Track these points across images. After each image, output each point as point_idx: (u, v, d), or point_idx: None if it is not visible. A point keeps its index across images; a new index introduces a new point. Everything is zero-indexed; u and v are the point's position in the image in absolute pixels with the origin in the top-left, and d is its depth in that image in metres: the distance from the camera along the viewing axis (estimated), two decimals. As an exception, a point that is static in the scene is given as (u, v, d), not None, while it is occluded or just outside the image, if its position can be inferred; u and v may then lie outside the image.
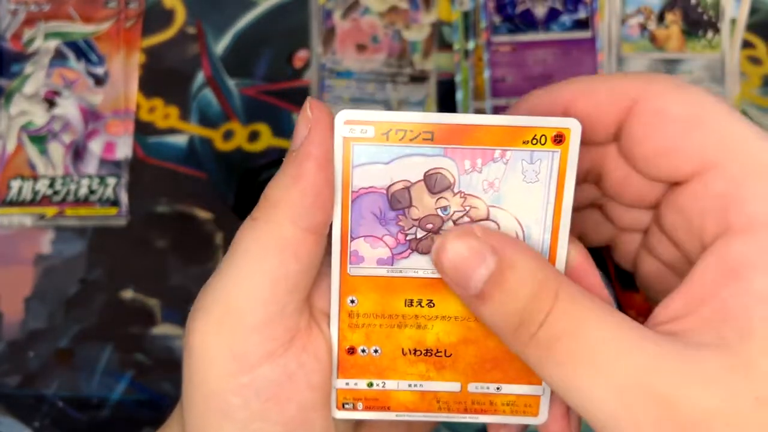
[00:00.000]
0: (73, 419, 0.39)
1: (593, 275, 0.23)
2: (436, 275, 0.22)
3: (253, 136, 0.41)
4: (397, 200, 0.22)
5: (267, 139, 0.41)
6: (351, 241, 0.22)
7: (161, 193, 0.41)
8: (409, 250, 0.22)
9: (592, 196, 0.26)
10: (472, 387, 0.24)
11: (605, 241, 0.28)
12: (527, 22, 0.40)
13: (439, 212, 0.22)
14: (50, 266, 0.40)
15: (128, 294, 0.40)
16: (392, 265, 0.23)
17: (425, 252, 0.22)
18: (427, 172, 0.22)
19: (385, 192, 0.22)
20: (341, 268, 0.22)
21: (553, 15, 0.40)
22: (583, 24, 0.40)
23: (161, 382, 0.39)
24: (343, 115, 0.21)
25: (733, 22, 0.40)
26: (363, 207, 0.22)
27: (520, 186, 0.22)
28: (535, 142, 0.21)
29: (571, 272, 0.23)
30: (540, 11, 0.40)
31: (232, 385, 0.22)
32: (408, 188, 0.22)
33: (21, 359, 0.39)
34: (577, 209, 0.26)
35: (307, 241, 0.21)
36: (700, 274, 0.20)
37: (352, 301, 0.23)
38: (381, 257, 0.22)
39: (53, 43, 0.42)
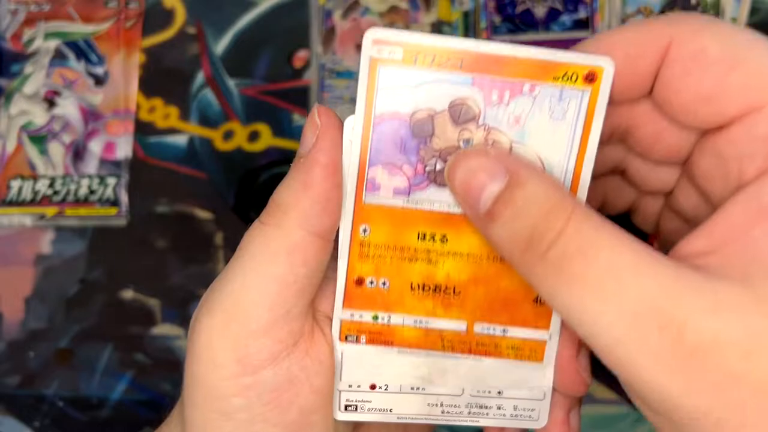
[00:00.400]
0: (73, 419, 0.39)
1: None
2: (453, 210, 0.22)
3: (253, 136, 0.41)
4: (420, 128, 0.21)
5: (267, 139, 0.41)
6: (369, 168, 0.22)
7: (161, 193, 0.41)
8: (427, 182, 0.22)
9: (617, 158, 0.26)
10: (478, 327, 0.23)
11: (626, 207, 0.27)
12: (527, 22, 0.40)
13: (462, 144, 0.21)
14: (50, 266, 0.40)
15: (128, 294, 0.40)
16: (408, 195, 0.22)
17: (443, 184, 0.22)
18: (453, 101, 0.21)
19: (408, 119, 0.21)
20: (356, 195, 0.22)
21: (553, 15, 0.40)
22: (583, 24, 0.40)
23: (161, 382, 0.39)
24: (372, 34, 0.20)
25: (734, 21, 0.40)
26: (384, 133, 0.21)
27: (546, 123, 0.21)
28: (566, 78, 0.21)
29: None
30: (540, 11, 0.40)
31: (235, 387, 0.22)
32: (432, 117, 0.21)
33: (21, 359, 0.39)
34: (597, 177, 0.25)
35: (315, 246, 0.21)
36: (729, 213, 0.19)
37: (365, 230, 0.22)
38: (398, 187, 0.22)
39: (53, 43, 0.42)
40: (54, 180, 0.40)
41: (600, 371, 0.40)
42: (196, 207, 0.41)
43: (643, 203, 0.26)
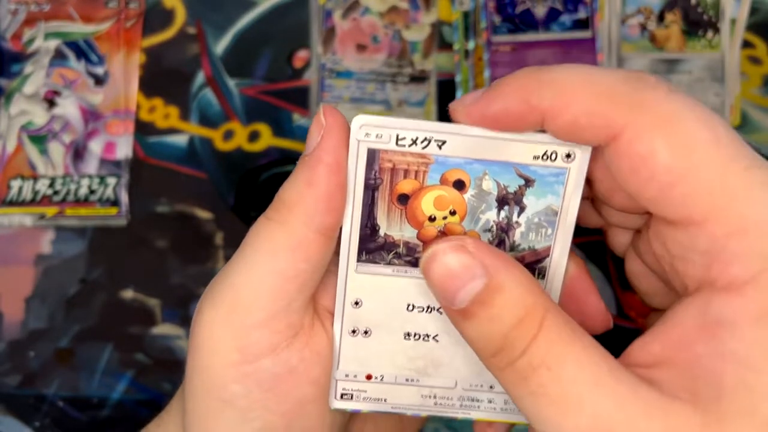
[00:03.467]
0: (73, 419, 0.39)
1: (589, 288, 0.23)
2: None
3: (253, 136, 0.41)
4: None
5: (267, 139, 0.41)
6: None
7: (161, 193, 0.41)
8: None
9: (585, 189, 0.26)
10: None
11: (596, 226, 0.28)
12: (527, 22, 0.40)
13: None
14: (50, 266, 0.40)
15: (128, 294, 0.40)
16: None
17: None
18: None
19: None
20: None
21: (553, 15, 0.40)
22: (583, 24, 0.40)
23: (161, 381, 0.39)
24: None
25: (733, 22, 0.40)
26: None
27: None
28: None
29: (569, 284, 0.23)
30: (540, 11, 0.40)
31: (234, 374, 0.22)
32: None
33: (21, 359, 0.39)
34: None
35: (318, 243, 0.22)
36: (679, 322, 0.20)
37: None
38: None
39: (53, 43, 0.42)
40: (54, 180, 0.40)
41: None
42: (196, 207, 0.41)
43: (612, 231, 0.27)
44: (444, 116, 0.41)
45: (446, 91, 0.41)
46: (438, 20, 0.41)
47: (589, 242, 0.40)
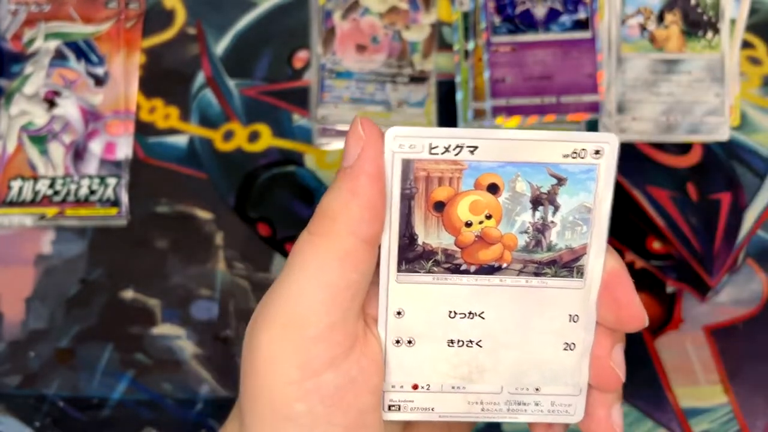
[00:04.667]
0: (73, 419, 0.39)
1: (627, 285, 0.23)
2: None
3: (253, 137, 0.41)
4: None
5: (267, 139, 0.41)
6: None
7: (161, 193, 0.41)
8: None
9: None
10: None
11: None
12: (527, 22, 0.40)
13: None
14: (51, 266, 0.40)
15: (128, 294, 0.40)
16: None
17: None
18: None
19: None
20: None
21: (552, 15, 0.40)
22: (582, 24, 0.40)
23: (161, 382, 0.39)
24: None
25: (733, 22, 0.40)
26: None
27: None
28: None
29: (606, 280, 0.23)
30: (540, 12, 0.40)
31: (297, 392, 0.22)
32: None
33: (21, 359, 0.39)
34: None
35: (365, 251, 0.22)
36: None
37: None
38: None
39: (53, 44, 0.42)
40: (54, 180, 0.40)
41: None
42: (196, 207, 0.41)
43: None
44: (444, 116, 0.41)
45: (446, 92, 0.41)
46: (438, 21, 0.42)
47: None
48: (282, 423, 0.23)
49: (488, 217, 0.23)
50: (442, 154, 0.22)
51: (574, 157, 0.22)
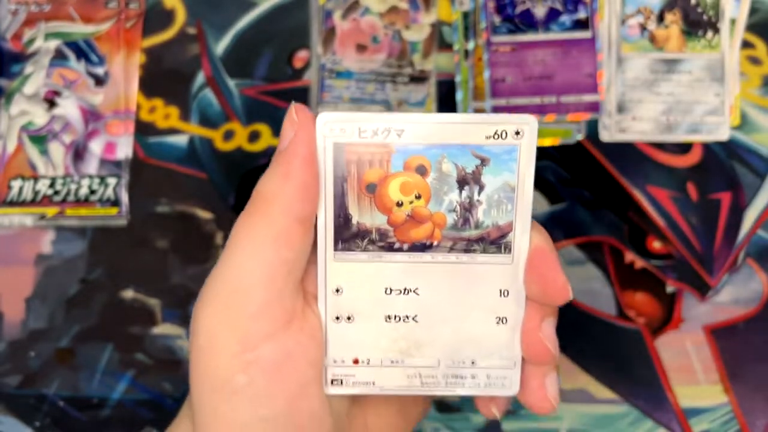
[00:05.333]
0: (73, 419, 0.39)
1: (551, 259, 0.25)
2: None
3: (254, 137, 0.41)
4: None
5: (267, 139, 0.41)
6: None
7: (161, 193, 0.41)
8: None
9: None
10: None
11: None
12: (527, 22, 0.40)
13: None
14: (51, 266, 0.40)
15: (128, 294, 0.40)
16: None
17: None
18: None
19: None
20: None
21: (552, 15, 0.40)
22: (582, 24, 0.40)
23: (161, 381, 0.39)
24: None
25: (733, 22, 0.40)
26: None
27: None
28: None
29: (532, 255, 0.25)
30: (540, 11, 0.40)
31: (238, 364, 0.23)
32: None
33: (22, 359, 0.40)
34: None
35: (299, 231, 0.24)
36: None
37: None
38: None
39: (53, 44, 0.42)
40: (54, 180, 0.40)
41: (600, 371, 0.41)
42: (196, 207, 0.41)
43: None
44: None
45: (446, 92, 0.41)
46: (438, 20, 0.42)
47: (589, 243, 0.40)
48: (225, 395, 0.24)
49: (418, 197, 0.24)
50: (372, 137, 0.23)
51: (496, 138, 0.23)
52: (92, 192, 0.40)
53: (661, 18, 0.40)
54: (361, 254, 0.25)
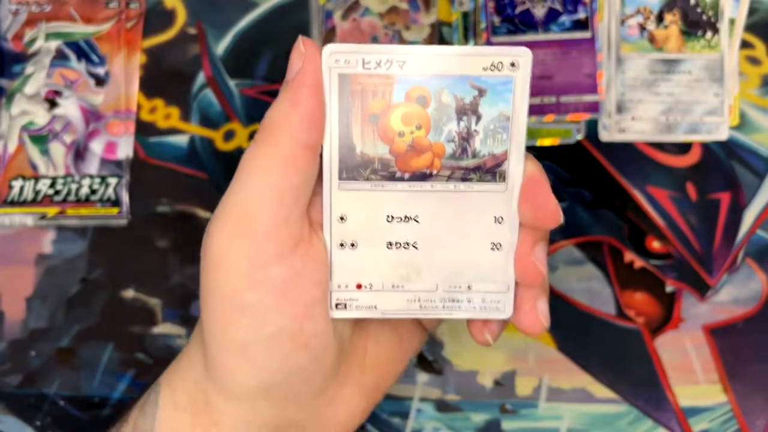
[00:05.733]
0: (74, 418, 0.39)
1: (543, 185, 0.26)
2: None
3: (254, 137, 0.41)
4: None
5: (267, 139, 0.41)
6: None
7: (162, 193, 0.41)
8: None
9: None
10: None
11: None
12: (527, 22, 0.40)
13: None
14: (51, 266, 0.40)
15: (129, 293, 0.40)
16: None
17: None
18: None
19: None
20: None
21: (552, 15, 0.40)
22: (582, 24, 0.40)
23: (162, 381, 0.39)
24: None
25: (732, 22, 0.40)
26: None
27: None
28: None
29: (526, 183, 0.26)
30: (539, 12, 0.40)
31: (248, 282, 0.24)
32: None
33: (22, 358, 0.40)
34: None
35: (306, 157, 0.24)
36: None
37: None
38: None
39: (54, 44, 0.42)
40: (55, 180, 0.40)
41: (600, 371, 0.41)
42: (197, 207, 0.41)
43: None
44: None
45: (446, 92, 0.41)
46: (438, 21, 0.42)
47: (589, 242, 0.40)
48: (236, 313, 0.25)
49: (418, 128, 0.25)
50: (375, 68, 0.24)
51: (492, 70, 0.24)
52: (93, 192, 0.40)
53: (660, 18, 0.40)
54: (365, 183, 0.26)
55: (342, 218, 0.26)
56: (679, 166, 0.40)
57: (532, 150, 0.40)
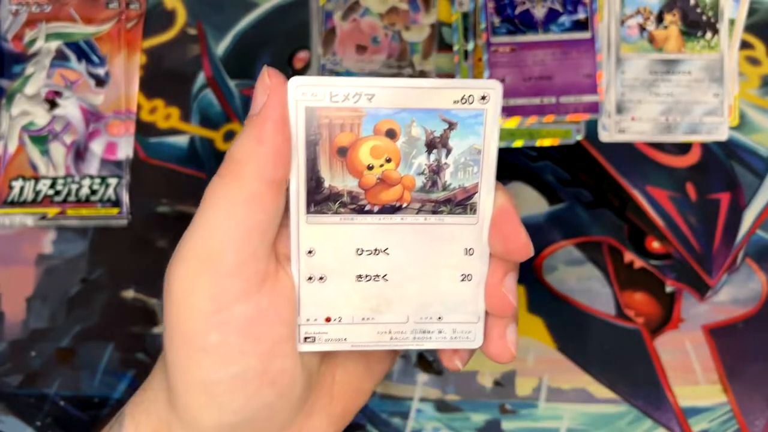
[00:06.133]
0: (74, 418, 0.39)
1: (513, 219, 0.26)
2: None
3: (254, 137, 0.41)
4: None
5: (267, 139, 0.41)
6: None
7: (162, 193, 0.41)
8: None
9: None
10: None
11: None
12: (526, 22, 0.40)
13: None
14: (52, 266, 0.40)
15: (129, 294, 0.40)
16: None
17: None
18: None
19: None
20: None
21: (552, 16, 0.40)
22: (582, 25, 0.40)
23: (162, 381, 0.39)
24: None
25: (732, 22, 0.40)
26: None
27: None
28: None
29: (496, 215, 0.26)
30: (539, 12, 0.40)
31: (211, 323, 0.24)
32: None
33: (23, 359, 0.40)
34: None
35: (271, 194, 0.24)
36: None
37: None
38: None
39: (54, 44, 0.42)
40: (55, 180, 0.41)
41: (600, 371, 0.41)
42: (197, 207, 0.41)
43: None
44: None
45: (446, 92, 0.41)
46: (438, 21, 0.42)
47: (589, 242, 0.40)
48: (198, 353, 0.24)
49: (388, 161, 0.25)
50: (342, 101, 0.24)
51: (463, 103, 0.24)
52: (93, 192, 0.40)
53: (660, 19, 0.40)
54: (333, 217, 0.25)
55: (310, 252, 0.26)
56: (678, 167, 0.40)
57: (533, 150, 0.41)
